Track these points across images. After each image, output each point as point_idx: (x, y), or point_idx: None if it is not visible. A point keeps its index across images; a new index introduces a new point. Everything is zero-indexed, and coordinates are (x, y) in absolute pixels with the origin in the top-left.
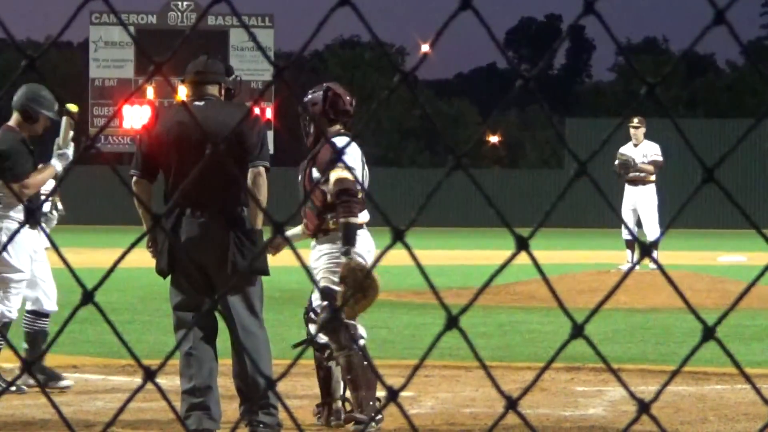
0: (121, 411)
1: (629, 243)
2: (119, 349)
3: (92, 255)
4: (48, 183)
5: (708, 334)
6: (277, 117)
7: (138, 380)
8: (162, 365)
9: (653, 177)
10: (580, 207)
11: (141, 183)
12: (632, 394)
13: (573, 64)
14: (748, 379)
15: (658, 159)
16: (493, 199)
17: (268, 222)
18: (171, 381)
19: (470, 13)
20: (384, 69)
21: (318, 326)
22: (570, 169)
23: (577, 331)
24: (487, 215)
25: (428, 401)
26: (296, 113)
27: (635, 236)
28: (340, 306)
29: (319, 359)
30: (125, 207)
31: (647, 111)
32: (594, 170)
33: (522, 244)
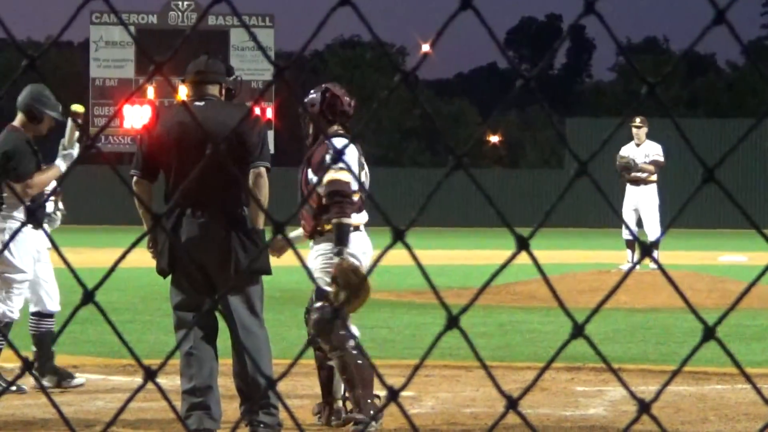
0: (122, 411)
1: (629, 243)
2: (120, 349)
3: (93, 255)
4: (51, 183)
5: (708, 334)
6: (278, 117)
7: (138, 380)
8: (162, 365)
9: (655, 177)
10: (581, 207)
11: (141, 183)
12: (633, 394)
13: (573, 64)
14: (749, 379)
15: (659, 159)
16: (494, 199)
17: (269, 222)
18: (171, 381)
19: (471, 13)
20: (384, 69)
21: (310, 326)
22: (570, 169)
23: (578, 331)
24: (488, 215)
25: (429, 401)
26: (297, 113)
27: (636, 236)
28: (337, 306)
29: (321, 359)
30: (126, 207)
31: (648, 111)
32: (594, 170)
33: (522, 244)
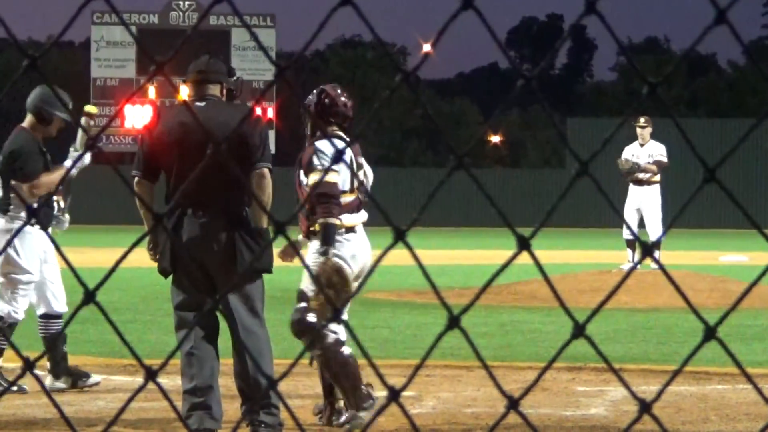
0: (123, 410)
1: (630, 242)
2: (121, 349)
3: (94, 255)
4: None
5: (709, 334)
6: (279, 117)
7: (139, 380)
8: (163, 365)
9: (658, 177)
10: (582, 207)
11: (143, 183)
12: (634, 394)
13: (574, 64)
14: (750, 379)
15: (663, 160)
16: (495, 199)
17: (272, 223)
18: (172, 381)
19: (472, 13)
20: (385, 69)
21: (290, 327)
22: (571, 169)
23: (579, 331)
24: (489, 215)
25: (430, 401)
26: (298, 113)
27: (636, 235)
28: (316, 306)
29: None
30: (127, 207)
31: (648, 110)
32: (595, 170)
33: (523, 244)
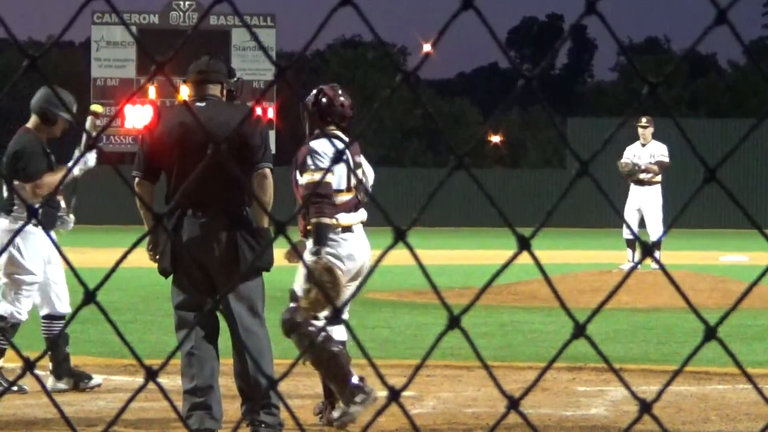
0: (123, 410)
1: (630, 242)
2: (121, 349)
3: (94, 255)
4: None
5: (710, 334)
6: (279, 117)
7: (139, 380)
8: (163, 365)
9: (659, 178)
10: (582, 207)
11: (143, 184)
12: (634, 394)
13: (575, 64)
14: (750, 379)
15: (664, 160)
16: (495, 199)
17: (272, 223)
18: (173, 381)
19: (472, 13)
20: (386, 69)
21: (281, 326)
22: (572, 169)
23: (579, 331)
24: (489, 215)
25: (430, 401)
26: (298, 113)
27: (636, 235)
28: (306, 305)
29: None
30: (127, 207)
31: (649, 111)
32: (596, 170)
33: (524, 244)
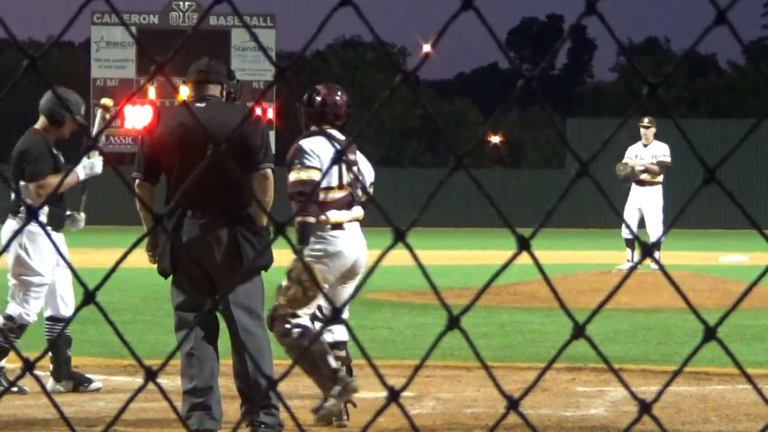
0: (123, 411)
1: (629, 242)
2: (120, 349)
3: (94, 255)
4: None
5: (709, 335)
6: (279, 117)
7: (139, 380)
8: (163, 365)
9: (660, 178)
10: (582, 207)
11: (144, 185)
12: (634, 395)
13: (574, 64)
14: (750, 380)
15: (666, 160)
16: (495, 199)
17: (271, 223)
18: (172, 381)
19: (472, 13)
20: (385, 69)
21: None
22: (571, 169)
23: (579, 332)
24: (489, 215)
25: (429, 401)
26: (297, 114)
27: (635, 235)
28: (284, 302)
29: None
30: (126, 207)
31: (649, 111)
32: (595, 170)
33: (523, 244)
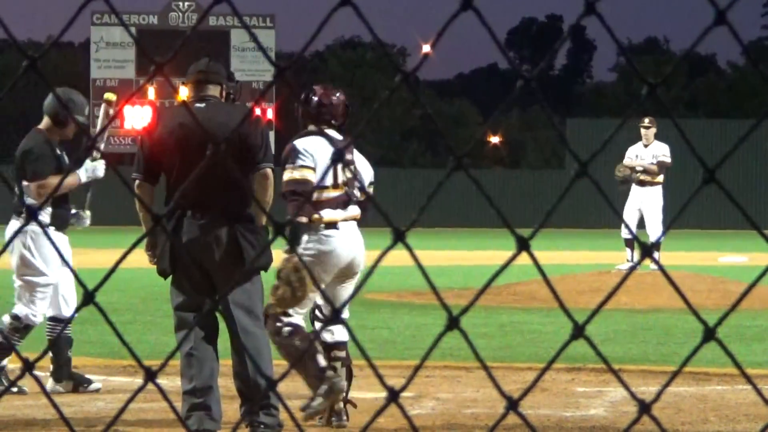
0: (122, 411)
1: (628, 242)
2: (120, 350)
3: (93, 255)
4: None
5: (709, 335)
6: (279, 118)
7: (139, 381)
8: (163, 366)
9: (660, 178)
10: (581, 207)
11: (144, 186)
12: (633, 395)
13: (574, 65)
14: (749, 380)
15: (665, 160)
16: (494, 200)
17: (270, 224)
18: (172, 381)
19: (471, 14)
20: (385, 69)
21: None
22: (571, 170)
23: (578, 332)
24: (488, 216)
25: (429, 402)
26: (296, 114)
27: (635, 235)
28: (275, 302)
29: (325, 359)
30: (126, 207)
31: (649, 111)
32: (595, 171)
33: (523, 245)
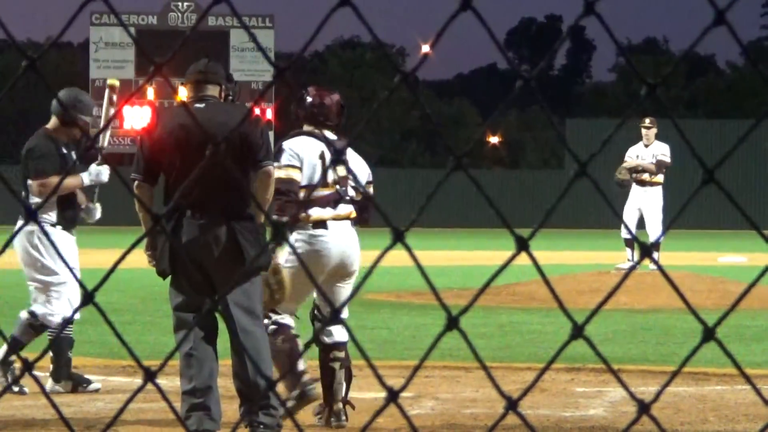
0: (122, 411)
1: (628, 241)
2: (119, 350)
3: (93, 255)
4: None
5: (708, 335)
6: (278, 118)
7: (138, 381)
8: (162, 366)
9: (660, 179)
10: (581, 207)
11: (143, 187)
12: (632, 395)
13: (573, 65)
14: (749, 380)
15: (664, 159)
16: (494, 200)
17: (269, 224)
18: (171, 382)
19: (470, 14)
20: (384, 69)
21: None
22: (570, 170)
23: (578, 332)
24: (488, 216)
25: (428, 402)
26: (293, 114)
27: (634, 235)
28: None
29: (324, 360)
30: (126, 208)
31: (648, 111)
32: (594, 171)
33: (522, 245)
